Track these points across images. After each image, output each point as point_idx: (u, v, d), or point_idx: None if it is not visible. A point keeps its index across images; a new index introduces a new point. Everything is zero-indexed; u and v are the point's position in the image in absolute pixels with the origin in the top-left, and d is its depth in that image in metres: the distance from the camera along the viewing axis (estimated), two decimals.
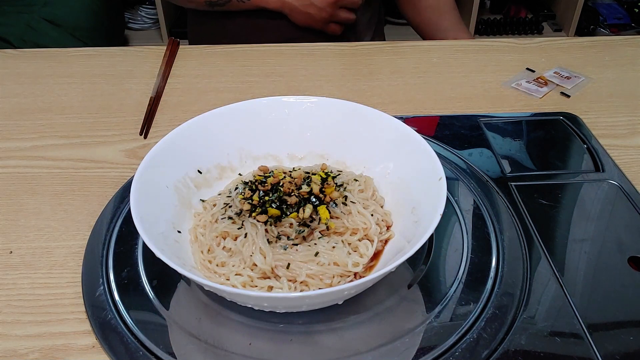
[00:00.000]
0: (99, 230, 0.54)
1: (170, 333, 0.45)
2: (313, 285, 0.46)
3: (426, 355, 0.43)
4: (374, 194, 0.54)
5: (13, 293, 0.49)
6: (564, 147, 0.66)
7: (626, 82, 0.80)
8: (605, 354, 0.43)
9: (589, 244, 0.53)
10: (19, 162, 0.64)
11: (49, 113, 0.73)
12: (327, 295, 0.42)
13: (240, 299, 0.44)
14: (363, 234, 0.50)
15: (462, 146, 0.65)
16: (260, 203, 0.50)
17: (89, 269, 0.50)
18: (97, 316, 0.46)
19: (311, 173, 0.53)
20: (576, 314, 0.46)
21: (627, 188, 0.59)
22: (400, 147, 0.54)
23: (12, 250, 0.53)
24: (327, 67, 0.83)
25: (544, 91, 0.77)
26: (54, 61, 0.85)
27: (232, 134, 0.57)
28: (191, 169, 0.55)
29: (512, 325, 0.45)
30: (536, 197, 0.58)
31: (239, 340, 0.44)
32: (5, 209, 0.58)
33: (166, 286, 0.48)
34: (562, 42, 0.91)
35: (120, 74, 0.82)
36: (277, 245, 0.48)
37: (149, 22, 2.28)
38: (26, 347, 0.45)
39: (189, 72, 0.82)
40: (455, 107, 0.74)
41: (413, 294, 0.48)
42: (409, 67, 0.83)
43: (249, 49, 0.88)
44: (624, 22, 2.32)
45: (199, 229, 0.51)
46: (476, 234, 0.53)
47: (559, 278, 0.49)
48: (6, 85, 0.79)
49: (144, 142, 0.68)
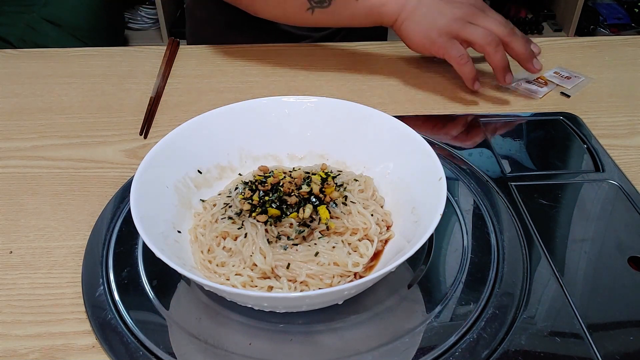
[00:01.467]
0: (99, 230, 0.54)
1: (170, 333, 0.45)
2: (313, 285, 0.46)
3: (426, 355, 0.43)
4: (374, 194, 0.54)
5: (13, 293, 0.49)
6: (564, 147, 0.66)
7: (626, 82, 0.80)
8: (605, 354, 0.43)
9: (589, 244, 0.53)
10: (19, 162, 0.64)
11: (49, 113, 0.73)
12: (327, 295, 0.42)
13: (240, 299, 0.44)
14: (363, 234, 0.50)
15: (462, 146, 0.65)
16: (260, 203, 0.50)
17: (89, 269, 0.50)
18: (97, 316, 0.46)
19: (311, 173, 0.53)
20: (576, 314, 0.46)
21: (627, 188, 0.59)
22: (400, 147, 0.54)
23: (12, 250, 0.53)
24: (327, 67, 0.83)
25: (544, 91, 0.76)
26: (54, 61, 0.85)
27: (232, 134, 0.57)
28: (191, 169, 0.55)
29: (512, 325, 0.45)
30: (536, 197, 0.58)
31: (239, 340, 0.44)
32: (5, 209, 0.58)
33: (166, 286, 0.48)
34: (562, 42, 0.91)
35: (120, 74, 0.82)
36: (277, 245, 0.48)
37: (149, 22, 2.28)
38: (26, 347, 0.45)
39: (189, 72, 0.82)
40: (455, 107, 0.74)
41: (413, 294, 0.48)
42: (409, 67, 0.83)
43: (249, 49, 0.88)
44: (624, 22, 2.32)
45: (199, 229, 0.51)
46: (476, 234, 0.53)
47: (559, 278, 0.49)
48: (6, 85, 0.79)
49: (144, 142, 0.68)
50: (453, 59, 0.71)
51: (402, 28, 0.74)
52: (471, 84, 0.73)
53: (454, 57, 0.71)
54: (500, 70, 0.72)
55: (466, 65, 0.71)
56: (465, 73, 0.72)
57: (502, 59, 0.71)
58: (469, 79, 0.72)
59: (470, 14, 0.71)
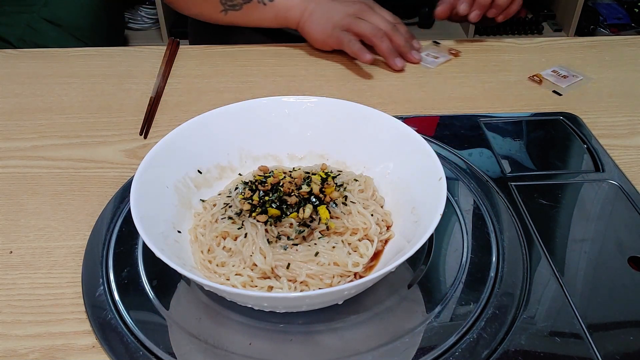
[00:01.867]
0: (99, 230, 0.54)
1: (170, 333, 0.45)
2: (313, 285, 0.46)
3: (426, 355, 0.43)
4: (374, 194, 0.54)
5: (13, 293, 0.49)
6: (564, 147, 0.66)
7: (626, 82, 0.80)
8: (605, 354, 0.43)
9: (589, 244, 0.53)
10: (19, 162, 0.64)
11: (49, 113, 0.73)
12: (327, 295, 0.42)
13: (240, 299, 0.44)
14: (363, 234, 0.50)
15: (462, 146, 0.65)
16: (260, 203, 0.50)
17: (89, 269, 0.50)
18: (97, 316, 0.46)
19: (311, 173, 0.53)
20: (576, 314, 0.46)
21: (627, 188, 0.59)
22: (400, 147, 0.54)
23: (12, 250, 0.53)
24: (327, 67, 0.83)
25: (438, 62, 0.84)
26: (54, 61, 0.85)
27: (232, 134, 0.57)
28: (191, 169, 0.55)
29: (512, 325, 0.45)
30: (536, 197, 0.58)
31: (239, 340, 0.44)
32: (5, 209, 0.58)
33: (166, 286, 0.48)
34: (562, 42, 0.91)
35: (120, 74, 0.82)
36: (277, 245, 0.48)
37: (149, 22, 2.28)
38: (26, 347, 0.45)
39: (189, 72, 0.82)
40: (455, 107, 0.74)
41: (413, 294, 0.48)
42: (409, 67, 0.83)
43: (249, 49, 0.88)
44: (624, 22, 2.32)
45: (199, 229, 0.51)
46: (476, 234, 0.53)
47: (559, 278, 0.49)
48: (6, 85, 0.79)
49: (144, 142, 0.68)
50: (345, 45, 0.81)
51: (304, 28, 0.84)
52: (362, 58, 0.80)
53: (345, 42, 0.81)
54: (387, 57, 0.81)
55: (354, 45, 0.80)
56: (354, 51, 0.80)
57: (387, 47, 0.81)
58: (359, 55, 0.80)
59: (360, 11, 0.82)
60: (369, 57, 0.79)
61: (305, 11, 0.84)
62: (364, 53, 0.79)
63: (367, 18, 0.81)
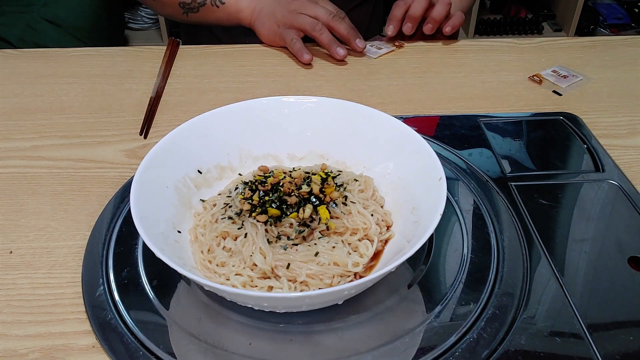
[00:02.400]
0: (99, 230, 0.54)
1: (170, 333, 0.45)
2: (313, 285, 0.46)
3: (426, 355, 0.43)
4: (374, 194, 0.54)
5: (13, 293, 0.49)
6: (564, 147, 0.66)
7: (626, 82, 0.80)
8: (605, 354, 0.43)
9: (589, 244, 0.53)
10: (19, 162, 0.64)
11: (49, 113, 0.73)
12: (327, 295, 0.42)
13: (240, 299, 0.44)
14: (363, 234, 0.50)
15: (462, 146, 0.65)
16: (260, 203, 0.50)
17: (89, 269, 0.50)
18: (97, 316, 0.46)
19: (311, 173, 0.53)
20: (576, 314, 0.46)
21: (627, 188, 0.59)
22: (400, 147, 0.54)
23: (12, 250, 0.53)
24: (327, 67, 0.83)
25: (381, 52, 0.86)
26: (54, 61, 0.85)
27: (232, 134, 0.57)
28: (191, 169, 0.55)
29: (512, 325, 0.45)
30: (536, 197, 0.58)
31: (239, 340, 0.44)
32: (5, 209, 0.58)
33: (166, 286, 0.48)
34: (562, 42, 0.91)
35: (120, 74, 0.82)
36: (277, 245, 0.48)
37: (149, 22, 2.28)
38: (26, 347, 0.45)
39: (189, 72, 0.82)
40: (455, 107, 0.74)
41: (413, 294, 0.48)
42: (409, 67, 0.83)
43: (249, 49, 0.88)
44: (624, 22, 2.32)
45: (199, 229, 0.51)
46: (476, 234, 0.53)
47: (559, 278, 0.49)
48: (6, 85, 0.79)
49: (144, 142, 0.68)
50: (287, 44, 0.84)
51: (255, 28, 0.88)
52: (301, 58, 0.83)
53: (288, 42, 0.84)
54: (328, 47, 0.83)
55: (295, 45, 0.83)
56: (295, 51, 0.83)
57: (327, 38, 0.83)
58: (298, 55, 0.83)
59: (301, 6, 0.84)
60: (307, 57, 0.82)
61: (254, 11, 0.87)
62: (303, 53, 0.82)
63: (307, 12, 0.84)
